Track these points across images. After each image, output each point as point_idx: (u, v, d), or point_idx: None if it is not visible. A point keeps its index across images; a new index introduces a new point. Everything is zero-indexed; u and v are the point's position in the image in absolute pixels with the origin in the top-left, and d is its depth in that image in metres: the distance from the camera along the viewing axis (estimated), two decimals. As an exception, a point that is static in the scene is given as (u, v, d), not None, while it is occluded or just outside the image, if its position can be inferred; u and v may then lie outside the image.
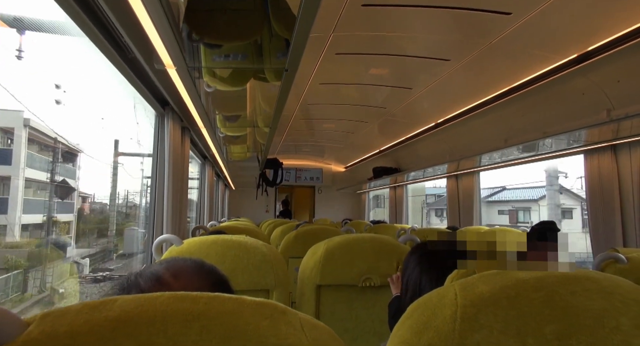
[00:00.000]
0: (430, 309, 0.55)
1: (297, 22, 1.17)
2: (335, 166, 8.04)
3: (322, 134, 5.32)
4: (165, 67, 1.51)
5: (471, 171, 4.14)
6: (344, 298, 1.52)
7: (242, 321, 0.42)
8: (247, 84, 2.32)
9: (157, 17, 1.09)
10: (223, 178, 6.52)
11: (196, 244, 1.35)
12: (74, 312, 0.40)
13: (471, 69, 2.52)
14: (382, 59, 2.61)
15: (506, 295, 0.52)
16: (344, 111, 4.06)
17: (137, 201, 12.41)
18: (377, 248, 1.53)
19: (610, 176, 2.37)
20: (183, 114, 2.36)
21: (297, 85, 3.11)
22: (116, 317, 0.40)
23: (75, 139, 13.85)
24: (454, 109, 3.30)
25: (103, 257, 10.20)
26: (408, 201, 6.44)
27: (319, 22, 2.07)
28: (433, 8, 1.92)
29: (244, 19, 1.74)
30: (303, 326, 0.45)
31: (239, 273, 1.30)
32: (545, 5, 1.74)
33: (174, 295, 0.43)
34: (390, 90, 3.23)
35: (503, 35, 2.06)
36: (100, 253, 10.25)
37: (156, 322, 0.40)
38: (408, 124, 4.07)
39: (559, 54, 2.15)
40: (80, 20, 1.10)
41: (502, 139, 3.03)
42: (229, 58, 1.95)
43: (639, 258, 1.31)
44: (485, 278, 0.56)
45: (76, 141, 11.98)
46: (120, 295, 0.44)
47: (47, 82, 13.13)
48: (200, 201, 4.52)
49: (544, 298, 0.51)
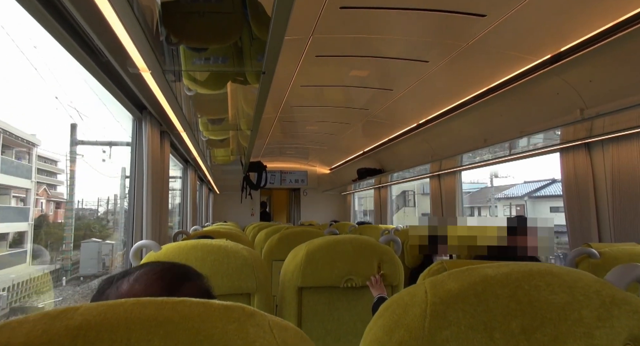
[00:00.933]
0: (402, 307, 0.56)
1: (272, 24, 1.17)
2: (320, 168, 8.05)
3: (306, 136, 5.32)
4: (139, 71, 1.49)
5: (453, 170, 4.20)
6: (326, 300, 1.52)
7: (209, 325, 0.42)
8: (226, 87, 2.31)
9: (129, 21, 1.07)
10: (207, 182, 6.46)
11: (175, 249, 1.33)
12: (32, 322, 0.39)
13: (450, 70, 2.56)
14: (363, 61, 2.63)
15: (474, 291, 0.53)
16: (327, 113, 4.07)
17: (107, 204, 10.72)
18: (358, 249, 1.53)
19: (585, 174, 2.44)
20: (161, 118, 2.33)
21: (279, 87, 3.10)
22: (77, 326, 0.39)
23: (30, 129, 11.82)
24: (434, 110, 3.35)
25: (42, 285, 6.90)
26: (393, 202, 6.48)
27: (298, 24, 2.07)
28: (410, 10, 1.95)
29: (222, 22, 1.73)
30: (272, 328, 0.45)
31: (219, 278, 1.29)
32: (519, 7, 1.79)
33: (138, 300, 0.43)
34: (372, 92, 3.25)
35: (479, 37, 2.10)
36: (42, 278, 7.11)
37: (119, 329, 0.39)
38: (391, 125, 4.11)
39: (533, 55, 2.20)
40: (47, 23, 1.08)
41: (482, 139, 3.09)
42: (209, 61, 1.93)
43: (611, 253, 1.35)
44: (455, 275, 0.56)
45: (31, 131, 9.93)
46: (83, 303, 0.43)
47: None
48: (183, 205, 4.46)
49: (509, 293, 0.52)
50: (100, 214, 9.41)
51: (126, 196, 2.67)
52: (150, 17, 1.36)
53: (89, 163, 8.66)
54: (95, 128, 13.05)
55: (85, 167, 8.51)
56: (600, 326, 0.50)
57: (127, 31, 1.11)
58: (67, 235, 7.57)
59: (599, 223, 2.37)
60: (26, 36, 6.85)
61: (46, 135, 16.68)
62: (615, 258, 1.32)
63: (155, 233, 2.09)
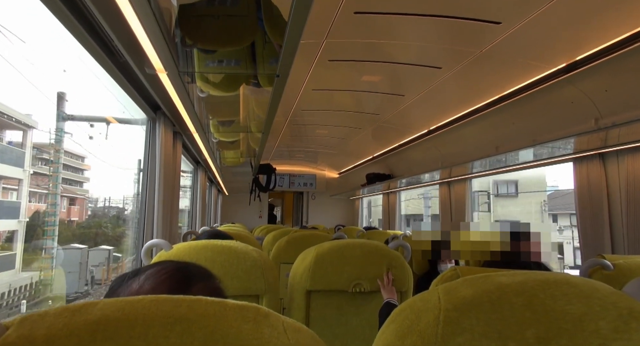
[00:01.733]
0: (415, 313, 0.56)
1: (288, 27, 1.18)
2: (328, 172, 8.04)
3: (316, 140, 5.33)
4: (156, 72, 1.51)
5: (463, 177, 4.17)
6: (334, 304, 1.51)
7: (225, 324, 0.42)
8: (239, 89, 2.33)
9: (148, 22, 1.09)
10: (216, 184, 6.50)
11: (185, 249, 1.34)
12: (52, 315, 0.39)
13: (462, 77, 2.55)
14: (375, 66, 2.63)
15: (488, 298, 0.53)
16: (337, 117, 4.07)
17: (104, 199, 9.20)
18: (367, 253, 1.53)
19: (598, 184, 2.40)
20: (175, 119, 2.35)
21: (290, 91, 3.12)
22: (96, 320, 0.39)
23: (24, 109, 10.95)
24: (445, 117, 3.33)
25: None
26: (401, 207, 6.45)
27: (312, 28, 2.08)
28: (424, 16, 1.95)
29: (236, 25, 1.75)
30: (286, 329, 0.45)
31: (229, 279, 1.30)
32: (535, 15, 1.78)
33: (156, 298, 0.43)
34: (383, 97, 3.25)
35: (493, 45, 2.09)
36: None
37: (137, 325, 0.40)
38: (401, 131, 4.10)
39: (548, 63, 2.19)
40: (70, 23, 1.10)
41: (493, 147, 3.06)
42: (222, 64, 1.96)
43: (625, 265, 1.32)
44: (469, 282, 0.56)
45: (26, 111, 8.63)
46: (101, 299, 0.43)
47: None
48: (193, 206, 4.49)
49: (524, 302, 0.52)
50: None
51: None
52: (168, 19, 1.38)
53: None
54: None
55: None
56: (617, 338, 0.49)
57: (146, 32, 1.13)
58: (48, 239, 5.65)
59: (612, 235, 2.33)
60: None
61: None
62: (630, 270, 1.30)
63: (165, 232, 2.11)
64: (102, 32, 1.21)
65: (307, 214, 8.44)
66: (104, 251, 5.78)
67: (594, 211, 2.42)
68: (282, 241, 2.41)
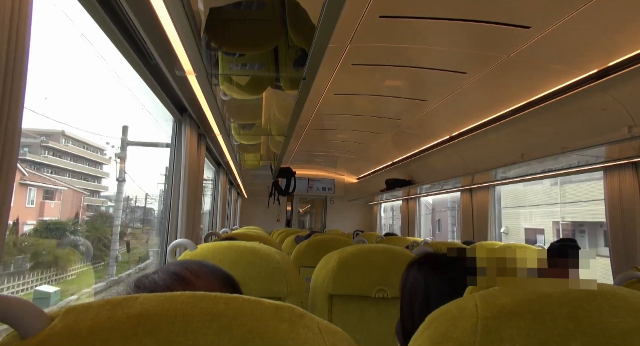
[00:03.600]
0: (450, 320, 0.54)
1: (317, 32, 1.18)
2: (347, 176, 8.02)
3: (335, 144, 5.33)
4: (185, 74, 1.54)
5: (486, 185, 4.09)
6: (356, 309, 1.50)
7: (261, 323, 0.42)
8: (263, 92, 2.35)
9: (181, 24, 1.11)
10: (236, 186, 6.56)
11: (210, 249, 1.35)
12: (96, 308, 0.40)
13: (488, 83, 2.51)
14: (398, 70, 2.61)
15: (529, 308, 0.51)
16: (357, 122, 4.06)
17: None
18: (391, 259, 1.51)
19: (631, 194, 2.32)
20: (200, 121, 2.39)
21: (312, 95, 3.12)
22: (137, 314, 0.40)
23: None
24: (469, 122, 3.28)
25: None
26: (421, 214, 6.38)
27: (337, 32, 2.08)
28: (451, 21, 1.93)
29: (262, 29, 1.77)
30: (321, 331, 0.44)
31: (252, 280, 1.30)
32: (566, 19, 1.73)
33: (194, 294, 0.43)
34: (405, 102, 3.23)
35: (521, 49, 2.05)
36: None
37: (176, 321, 0.40)
38: (422, 137, 4.05)
39: (578, 69, 2.13)
40: (106, 26, 1.14)
41: (519, 154, 3.00)
42: (246, 67, 1.98)
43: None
44: (507, 291, 0.54)
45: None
46: (141, 293, 0.44)
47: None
48: (214, 207, 4.54)
49: (568, 313, 0.50)
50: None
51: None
52: (198, 22, 1.40)
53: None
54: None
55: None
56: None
57: (178, 34, 1.15)
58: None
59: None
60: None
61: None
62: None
63: (189, 232, 2.14)
64: (135, 35, 1.25)
65: (325, 219, 8.43)
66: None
67: (625, 222, 2.33)
68: (302, 244, 2.40)
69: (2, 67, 0.62)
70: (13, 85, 0.63)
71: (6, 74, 0.62)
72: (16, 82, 0.64)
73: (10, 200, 0.64)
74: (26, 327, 0.37)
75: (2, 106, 0.61)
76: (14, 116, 0.62)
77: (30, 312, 0.38)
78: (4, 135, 0.61)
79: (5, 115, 0.61)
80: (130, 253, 5.91)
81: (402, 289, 1.00)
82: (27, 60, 0.66)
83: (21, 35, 0.65)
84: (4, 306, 0.37)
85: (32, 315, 0.38)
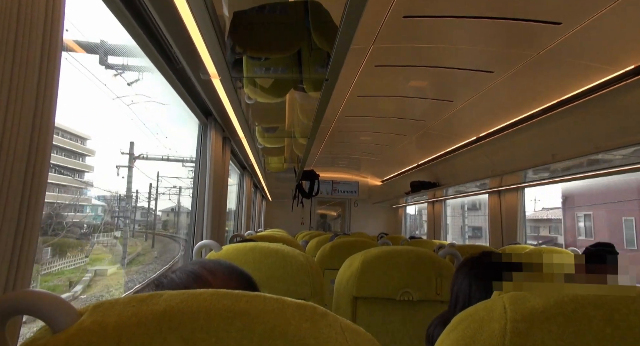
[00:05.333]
0: (477, 322, 0.52)
1: (339, 34, 1.18)
2: (371, 179, 7.97)
3: (359, 146, 5.31)
4: (210, 77, 1.57)
5: (515, 187, 3.96)
6: (381, 312, 1.48)
7: (284, 321, 0.42)
8: (286, 95, 2.37)
9: (206, 29, 1.14)
10: (260, 189, 6.63)
11: (234, 250, 1.37)
12: (122, 304, 0.41)
13: (516, 82, 2.44)
14: (423, 71, 2.58)
15: (562, 310, 0.48)
16: (381, 124, 4.03)
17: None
18: (416, 261, 1.48)
19: None
20: (225, 124, 2.43)
21: (335, 97, 3.12)
22: (162, 311, 0.40)
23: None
24: (497, 123, 3.19)
25: None
26: (447, 216, 6.25)
27: (360, 34, 2.08)
28: (477, 19, 1.89)
29: (285, 33, 1.78)
30: (344, 330, 0.44)
31: (275, 281, 1.30)
32: (600, 14, 1.66)
33: (217, 292, 0.44)
34: (430, 103, 3.18)
35: (552, 46, 1.98)
36: None
37: (199, 318, 0.41)
38: (448, 138, 3.98)
39: (613, 65, 2.04)
40: (135, 33, 1.18)
41: (549, 154, 2.89)
42: (270, 70, 2.00)
43: None
44: (538, 292, 0.52)
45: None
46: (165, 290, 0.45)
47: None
48: (239, 210, 4.61)
49: (604, 316, 0.47)
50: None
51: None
52: (223, 26, 1.43)
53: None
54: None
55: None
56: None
57: (203, 38, 1.18)
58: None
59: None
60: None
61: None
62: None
63: (214, 234, 2.18)
64: (162, 40, 1.28)
65: (349, 222, 8.40)
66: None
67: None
68: (326, 246, 2.40)
69: (36, 79, 0.65)
70: (46, 89, 0.66)
71: (39, 80, 0.65)
72: (49, 86, 0.67)
73: (43, 197, 0.67)
74: (57, 322, 0.38)
75: (36, 104, 0.64)
76: (47, 113, 0.65)
77: (61, 308, 0.39)
78: (38, 131, 0.64)
79: (39, 112, 0.64)
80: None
81: (451, 287, 0.99)
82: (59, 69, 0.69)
83: (54, 40, 0.67)
84: (38, 302, 0.39)
85: (63, 311, 0.39)
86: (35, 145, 0.63)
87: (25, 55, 0.62)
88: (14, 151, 0.61)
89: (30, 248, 0.65)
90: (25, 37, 0.62)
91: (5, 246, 0.60)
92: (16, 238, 0.62)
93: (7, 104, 0.59)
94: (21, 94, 0.61)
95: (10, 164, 0.61)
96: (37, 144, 0.64)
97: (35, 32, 0.63)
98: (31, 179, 0.64)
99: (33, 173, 0.64)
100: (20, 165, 0.62)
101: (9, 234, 0.61)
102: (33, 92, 0.63)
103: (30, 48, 0.63)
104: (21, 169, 0.62)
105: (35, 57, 0.63)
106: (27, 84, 0.62)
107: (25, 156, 0.63)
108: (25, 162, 0.63)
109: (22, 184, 0.63)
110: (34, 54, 0.64)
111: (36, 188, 0.65)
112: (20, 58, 0.62)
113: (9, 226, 0.61)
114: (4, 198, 0.60)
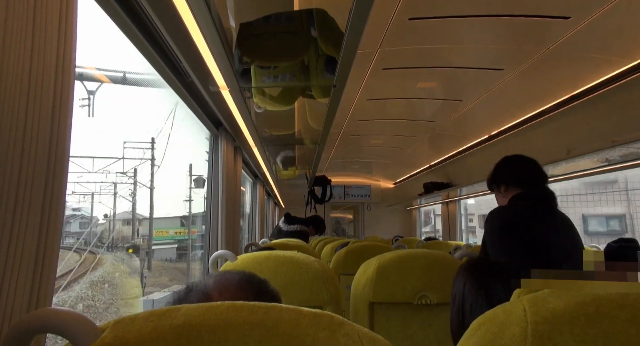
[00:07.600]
0: (497, 326, 0.52)
1: (345, 39, 1.19)
2: (384, 182, 7.93)
3: (370, 150, 5.29)
4: (219, 89, 1.59)
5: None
6: (399, 317, 1.46)
7: (301, 331, 0.42)
8: (295, 102, 2.38)
9: (213, 42, 1.15)
10: (273, 196, 6.66)
11: (250, 259, 1.38)
12: (142, 319, 0.42)
13: (527, 78, 2.41)
14: (431, 72, 2.57)
15: (584, 311, 0.47)
16: (392, 127, 4.02)
17: None
18: (432, 263, 1.46)
19: None
20: (235, 134, 2.46)
21: (344, 102, 3.12)
22: (180, 325, 0.41)
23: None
24: (508, 120, 3.15)
25: None
26: (462, 217, 6.18)
27: (366, 38, 2.06)
28: (484, 17, 1.88)
29: (292, 41, 1.79)
30: (361, 339, 0.44)
31: (291, 289, 1.30)
32: (609, 6, 1.64)
33: (234, 304, 0.44)
34: (439, 103, 3.16)
35: (562, 41, 1.95)
36: None
37: (217, 330, 0.41)
38: (459, 138, 3.94)
39: (626, 57, 2.00)
40: (145, 51, 1.20)
41: (564, 150, 2.84)
42: (278, 78, 2.02)
43: None
44: (557, 293, 0.51)
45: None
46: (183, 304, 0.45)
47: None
48: (252, 218, 4.63)
49: (629, 316, 0.46)
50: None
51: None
52: (230, 38, 1.45)
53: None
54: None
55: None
56: None
57: (211, 52, 1.20)
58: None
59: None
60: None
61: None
62: None
63: (229, 243, 2.19)
64: (171, 55, 1.31)
65: (363, 226, 8.36)
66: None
67: None
68: (341, 252, 2.39)
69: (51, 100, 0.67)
70: (62, 94, 0.67)
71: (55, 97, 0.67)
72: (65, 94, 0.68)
73: (63, 211, 0.69)
74: (80, 340, 0.39)
75: (53, 110, 0.65)
76: (64, 117, 0.67)
77: (83, 325, 0.40)
78: (56, 136, 0.65)
79: (57, 117, 0.66)
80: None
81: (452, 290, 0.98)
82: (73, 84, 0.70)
83: (68, 52, 0.69)
84: (60, 320, 0.39)
85: (85, 328, 0.40)
86: (54, 157, 0.65)
87: (39, 71, 0.64)
88: (34, 165, 0.62)
89: (51, 265, 0.66)
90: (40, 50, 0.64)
91: (27, 262, 0.62)
92: (37, 254, 0.63)
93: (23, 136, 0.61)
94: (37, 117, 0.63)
95: (30, 181, 0.62)
96: (55, 154, 0.65)
97: (49, 42, 0.65)
98: (50, 197, 0.66)
99: (52, 192, 0.66)
100: (39, 189, 0.64)
101: (30, 250, 0.62)
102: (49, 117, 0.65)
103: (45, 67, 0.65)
104: (40, 192, 0.64)
105: (50, 68, 0.65)
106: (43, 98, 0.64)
107: (44, 170, 0.65)
108: (43, 189, 0.64)
109: (42, 204, 0.64)
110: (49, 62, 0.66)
111: (55, 205, 0.66)
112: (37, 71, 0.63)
113: (31, 242, 0.62)
114: (27, 207, 0.61)
